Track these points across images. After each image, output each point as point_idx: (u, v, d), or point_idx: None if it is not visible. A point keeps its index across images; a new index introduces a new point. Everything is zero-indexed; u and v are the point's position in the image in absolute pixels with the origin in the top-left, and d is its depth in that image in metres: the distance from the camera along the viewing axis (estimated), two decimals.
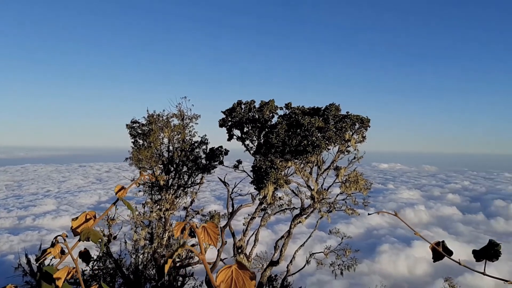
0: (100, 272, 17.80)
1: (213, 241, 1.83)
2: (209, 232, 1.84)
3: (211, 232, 1.84)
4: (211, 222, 1.86)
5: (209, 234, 1.84)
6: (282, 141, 14.56)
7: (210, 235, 1.84)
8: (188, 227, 1.86)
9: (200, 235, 1.80)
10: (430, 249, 2.36)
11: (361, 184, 15.76)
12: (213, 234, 1.84)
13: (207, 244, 14.09)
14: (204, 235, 1.84)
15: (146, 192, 17.84)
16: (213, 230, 1.84)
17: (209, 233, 1.84)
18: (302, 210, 16.92)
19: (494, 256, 2.22)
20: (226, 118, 17.10)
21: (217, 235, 1.83)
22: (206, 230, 1.84)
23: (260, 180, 14.47)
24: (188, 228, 1.86)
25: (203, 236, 1.84)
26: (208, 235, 1.84)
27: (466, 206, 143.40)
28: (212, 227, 1.85)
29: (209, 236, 1.84)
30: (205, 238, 1.83)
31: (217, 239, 1.82)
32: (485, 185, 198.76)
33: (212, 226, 1.85)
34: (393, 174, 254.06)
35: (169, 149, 17.61)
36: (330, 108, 15.30)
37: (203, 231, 1.84)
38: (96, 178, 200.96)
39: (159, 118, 17.12)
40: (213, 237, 1.84)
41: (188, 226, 1.86)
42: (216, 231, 1.83)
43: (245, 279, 1.65)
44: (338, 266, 17.99)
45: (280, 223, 77.28)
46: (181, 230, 1.87)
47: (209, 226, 1.85)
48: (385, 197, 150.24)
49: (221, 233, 16.97)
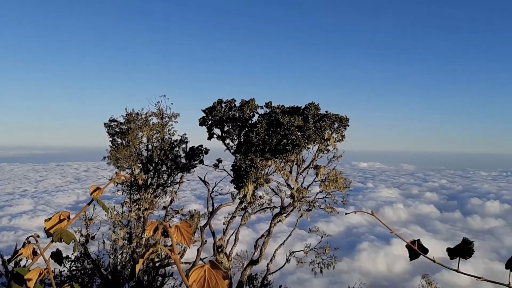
0: (78, 273, 17.53)
1: (186, 240, 1.81)
2: (182, 231, 1.81)
3: (184, 231, 1.81)
4: (184, 221, 1.83)
5: (182, 233, 1.81)
6: (262, 140, 14.56)
7: (184, 234, 1.81)
8: (161, 227, 1.83)
9: (173, 234, 1.77)
10: (406, 247, 2.38)
11: (340, 182, 15.88)
12: (186, 234, 1.81)
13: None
14: (177, 234, 1.81)
15: (125, 191, 17.63)
16: (186, 229, 1.81)
17: (182, 232, 1.81)
18: (282, 209, 16.96)
19: (467, 253, 2.25)
20: (206, 116, 17.01)
21: (190, 235, 1.80)
22: (179, 229, 1.81)
23: (240, 179, 14.45)
24: (161, 227, 1.83)
25: (176, 235, 1.81)
26: (181, 235, 1.81)
27: (444, 204, 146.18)
28: (186, 226, 1.82)
29: (182, 235, 1.81)
30: (178, 237, 1.81)
31: (191, 238, 1.80)
32: (462, 183, 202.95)
33: (185, 225, 1.83)
34: (373, 173, 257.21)
35: (148, 148, 17.44)
36: (310, 107, 15.36)
37: (176, 230, 1.81)
38: (74, 178, 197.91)
39: (137, 116, 16.93)
40: (186, 237, 1.81)
41: (161, 226, 1.83)
42: (190, 230, 1.80)
43: (218, 278, 1.63)
44: (318, 264, 18.09)
45: (261, 222, 77.41)
46: (154, 230, 1.83)
47: (182, 226, 1.82)
48: (365, 195, 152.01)
49: (201, 232, 16.89)
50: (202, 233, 16.92)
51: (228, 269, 17.34)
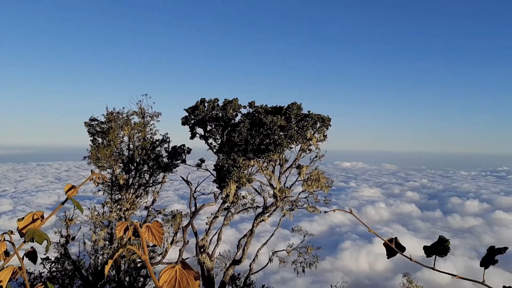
0: (58, 274, 17.28)
1: (157, 240, 1.77)
2: (153, 231, 1.77)
3: (155, 231, 1.77)
4: (156, 221, 1.79)
5: (153, 233, 1.77)
6: (245, 140, 14.53)
7: (154, 234, 1.77)
8: (132, 227, 1.79)
9: (143, 235, 1.73)
10: (384, 245, 2.38)
11: (322, 182, 15.95)
12: (157, 234, 1.77)
13: (169, 244, 13.82)
14: (148, 234, 1.77)
15: (106, 191, 17.41)
16: (157, 229, 1.77)
17: (153, 232, 1.77)
18: (265, 208, 16.96)
19: (443, 251, 2.26)
20: (189, 116, 16.89)
21: (161, 235, 1.76)
22: (150, 229, 1.77)
23: (222, 179, 14.40)
24: (131, 228, 1.79)
25: (147, 235, 1.77)
26: (152, 235, 1.77)
27: (424, 203, 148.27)
28: (157, 226, 1.78)
29: (154, 235, 1.77)
30: (149, 237, 1.77)
31: (162, 238, 1.76)
32: (442, 183, 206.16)
33: (156, 225, 1.79)
34: (355, 173, 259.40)
35: (129, 147, 17.25)
36: (292, 107, 15.39)
37: (146, 230, 1.77)
38: (55, 177, 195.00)
39: (119, 115, 16.73)
40: (158, 237, 1.77)
41: (132, 226, 1.79)
42: (161, 230, 1.76)
43: (189, 279, 1.60)
44: (300, 263, 18.15)
45: (245, 221, 77.39)
46: (124, 230, 1.79)
47: (153, 226, 1.78)
48: (347, 195, 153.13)
49: (183, 232, 16.79)
50: (184, 233, 16.82)
51: (210, 269, 17.27)
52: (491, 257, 2.14)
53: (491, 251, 2.16)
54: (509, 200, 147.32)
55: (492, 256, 2.14)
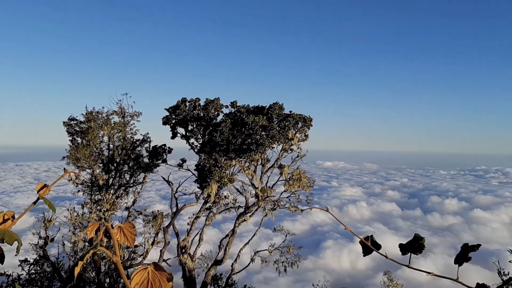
0: (37, 276, 17.00)
1: (129, 241, 1.74)
2: (125, 232, 1.75)
3: (128, 232, 1.75)
4: (128, 222, 1.76)
5: (126, 234, 1.74)
6: (227, 140, 14.50)
7: (127, 235, 1.74)
8: (103, 228, 1.76)
9: (115, 236, 1.70)
10: (359, 243, 2.39)
11: (304, 182, 16.01)
12: (129, 235, 1.75)
13: (150, 245, 13.68)
14: (120, 235, 1.74)
15: (86, 192, 17.17)
16: (129, 230, 1.75)
17: (125, 233, 1.74)
18: (247, 208, 16.95)
19: (418, 249, 2.28)
20: (170, 115, 16.77)
21: (133, 236, 1.73)
22: (122, 230, 1.74)
23: (204, 179, 14.33)
24: (103, 228, 1.76)
25: (119, 236, 1.74)
26: (124, 236, 1.74)
27: (405, 202, 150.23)
28: (129, 227, 1.75)
29: (126, 236, 1.74)
30: (121, 238, 1.74)
31: (134, 239, 1.73)
32: (422, 182, 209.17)
33: (128, 226, 1.76)
34: (337, 172, 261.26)
35: (109, 147, 17.03)
36: (274, 107, 15.41)
37: (118, 231, 1.74)
38: (34, 178, 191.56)
39: (98, 115, 16.51)
40: (130, 238, 1.75)
41: (103, 227, 1.76)
42: (133, 231, 1.74)
43: (162, 280, 1.58)
44: (282, 263, 18.19)
45: (227, 221, 77.27)
46: (96, 231, 1.76)
47: (126, 226, 1.75)
48: (329, 194, 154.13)
49: (164, 233, 16.66)
50: (165, 234, 16.70)
51: (192, 269, 17.19)
52: (464, 254, 2.17)
53: (465, 249, 2.19)
54: (487, 199, 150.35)
55: (465, 253, 2.17)
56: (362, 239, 2.37)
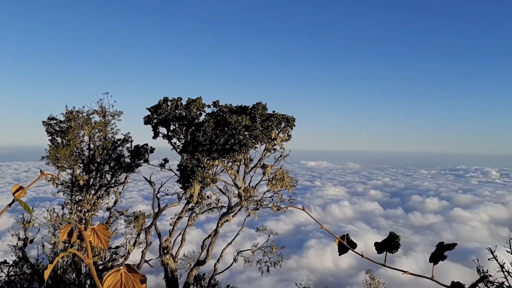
0: (16, 278, 16.71)
1: (103, 243, 1.72)
2: (99, 234, 1.73)
3: (101, 234, 1.73)
4: (101, 223, 1.74)
5: (99, 236, 1.72)
6: (210, 140, 14.45)
7: (100, 237, 1.73)
8: (77, 230, 1.74)
9: (88, 238, 1.68)
10: (336, 242, 2.41)
11: (287, 181, 16.06)
12: (103, 237, 1.73)
13: (131, 246, 13.54)
14: (93, 237, 1.72)
15: (66, 193, 16.93)
16: (103, 232, 1.73)
17: (99, 235, 1.72)
18: (230, 208, 16.93)
19: (394, 247, 2.31)
20: (152, 115, 16.64)
21: (107, 237, 1.72)
22: (96, 232, 1.72)
23: (186, 179, 14.26)
24: (76, 230, 1.74)
25: (93, 238, 1.72)
26: (97, 238, 1.72)
27: (387, 201, 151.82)
28: (103, 229, 1.74)
29: (99, 238, 1.72)
30: (95, 240, 1.72)
31: (107, 241, 1.72)
32: (404, 181, 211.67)
33: (102, 228, 1.74)
34: (320, 172, 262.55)
35: (89, 147, 16.81)
36: (257, 107, 15.42)
37: (92, 233, 1.72)
38: (14, 179, 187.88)
39: (78, 114, 16.28)
40: (104, 240, 1.73)
41: (77, 229, 1.74)
42: (107, 233, 1.72)
43: (135, 282, 1.57)
44: (265, 263, 18.21)
45: (211, 222, 76.91)
46: (69, 233, 1.73)
47: (99, 228, 1.74)
48: (313, 193, 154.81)
49: (145, 234, 16.53)
50: (147, 234, 16.57)
51: (174, 270, 17.09)
52: (440, 253, 2.20)
53: (440, 248, 2.22)
54: (466, 198, 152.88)
55: (441, 252, 2.20)
56: (338, 238, 2.39)
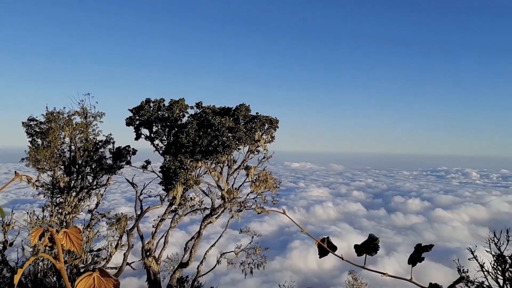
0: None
1: (76, 247, 1.68)
2: (71, 238, 1.69)
3: (74, 238, 1.69)
4: (74, 227, 1.71)
5: (72, 239, 1.69)
6: (193, 141, 14.38)
7: (73, 240, 1.69)
8: (48, 233, 1.69)
9: (59, 241, 1.64)
10: (316, 245, 2.41)
11: (270, 183, 16.07)
12: (76, 240, 1.69)
13: (114, 249, 13.38)
14: (66, 241, 1.68)
15: (47, 195, 16.67)
16: (76, 235, 1.69)
17: (71, 238, 1.69)
18: (213, 210, 16.87)
19: (373, 250, 2.32)
20: (134, 116, 16.49)
21: (80, 241, 1.68)
22: (68, 235, 1.69)
23: (169, 180, 14.16)
24: (48, 234, 1.70)
25: (65, 242, 1.68)
26: (70, 241, 1.68)
27: (370, 202, 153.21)
28: (75, 232, 1.70)
29: (72, 242, 1.69)
30: (67, 244, 1.68)
31: (80, 245, 1.68)
32: (386, 182, 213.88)
33: (75, 231, 1.70)
34: (304, 173, 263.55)
35: (70, 148, 16.57)
36: (240, 108, 15.40)
37: (64, 237, 1.68)
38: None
39: (59, 115, 16.03)
40: (76, 243, 1.69)
41: (48, 232, 1.70)
42: (79, 236, 1.68)
43: (108, 287, 1.54)
44: (248, 265, 18.18)
45: (195, 223, 76.55)
46: (40, 236, 1.69)
47: (72, 232, 1.70)
48: (297, 195, 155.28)
49: (127, 236, 16.36)
50: (129, 237, 16.39)
51: (157, 272, 16.95)
52: (418, 254, 2.21)
53: (418, 249, 2.23)
54: (447, 198, 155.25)
55: (419, 254, 2.21)
56: (318, 241, 2.38)
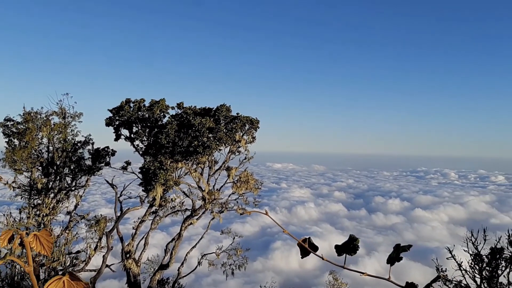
0: None
1: (46, 250, 1.63)
2: (41, 240, 1.64)
3: (44, 240, 1.64)
4: (44, 229, 1.65)
5: (42, 242, 1.63)
6: (172, 142, 14.26)
7: (43, 243, 1.64)
8: (18, 236, 1.64)
9: (29, 244, 1.58)
10: (297, 245, 2.40)
11: (251, 184, 16.05)
12: (46, 243, 1.64)
13: (93, 251, 13.17)
14: (36, 244, 1.63)
15: (24, 196, 16.33)
16: (46, 238, 1.64)
17: (41, 241, 1.63)
18: (194, 211, 16.76)
19: (353, 250, 2.32)
20: (113, 117, 16.26)
21: (50, 244, 1.63)
22: (38, 238, 1.63)
23: (148, 181, 14.01)
24: (17, 237, 1.64)
25: (35, 245, 1.62)
26: (40, 244, 1.63)
27: (351, 203, 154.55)
28: (45, 235, 1.65)
29: (42, 245, 1.63)
30: (37, 247, 1.62)
31: (51, 247, 1.63)
32: (367, 182, 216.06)
33: (45, 234, 1.65)
34: (286, 174, 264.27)
35: (49, 149, 16.26)
36: (221, 108, 15.34)
37: (34, 239, 1.63)
38: None
39: (37, 116, 15.72)
40: (46, 246, 1.64)
41: (18, 235, 1.64)
42: (50, 239, 1.63)
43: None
44: (230, 266, 18.12)
45: (176, 225, 75.76)
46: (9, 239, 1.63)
47: (42, 234, 1.65)
48: (279, 195, 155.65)
49: (107, 238, 16.13)
50: (108, 239, 16.17)
51: (137, 274, 16.76)
52: (396, 254, 2.22)
53: (397, 249, 2.24)
54: (427, 199, 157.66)
55: (397, 253, 2.22)
56: (299, 241, 2.38)
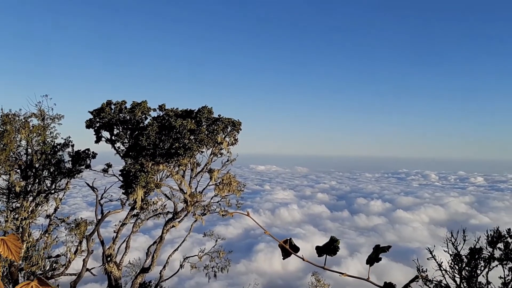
0: None
1: (14, 255, 1.57)
2: (9, 245, 1.58)
3: (12, 245, 1.58)
4: (12, 234, 1.59)
5: (9, 247, 1.58)
6: (153, 144, 14.14)
7: (11, 248, 1.58)
8: None
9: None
10: (279, 247, 2.40)
11: (234, 186, 16.01)
12: (14, 248, 1.58)
13: (73, 255, 12.97)
14: (3, 249, 1.57)
15: (1, 199, 15.99)
16: (14, 243, 1.59)
17: (9, 246, 1.58)
18: (175, 214, 16.64)
19: (333, 251, 2.32)
20: (94, 118, 16.04)
21: (18, 249, 1.57)
22: (6, 243, 1.57)
23: (129, 184, 13.85)
24: None
25: (2, 250, 1.57)
26: (8, 249, 1.57)
27: (333, 204, 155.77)
28: (13, 239, 1.59)
29: (10, 250, 1.57)
30: (5, 252, 1.57)
31: (19, 252, 1.57)
32: (349, 184, 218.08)
33: (13, 238, 1.59)
34: (269, 176, 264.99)
35: (27, 152, 15.96)
36: (203, 110, 15.27)
37: (1, 244, 1.57)
38: None
39: (15, 117, 15.42)
40: (14, 251, 1.58)
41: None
42: (18, 244, 1.58)
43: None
44: (212, 268, 18.02)
45: (158, 228, 75.15)
46: None
47: (9, 239, 1.59)
48: (262, 197, 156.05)
49: (87, 242, 15.89)
50: (88, 242, 15.93)
51: (118, 278, 16.55)
52: (376, 255, 2.22)
53: (376, 250, 2.24)
54: (408, 200, 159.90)
55: (377, 254, 2.22)
56: (281, 242, 2.37)
